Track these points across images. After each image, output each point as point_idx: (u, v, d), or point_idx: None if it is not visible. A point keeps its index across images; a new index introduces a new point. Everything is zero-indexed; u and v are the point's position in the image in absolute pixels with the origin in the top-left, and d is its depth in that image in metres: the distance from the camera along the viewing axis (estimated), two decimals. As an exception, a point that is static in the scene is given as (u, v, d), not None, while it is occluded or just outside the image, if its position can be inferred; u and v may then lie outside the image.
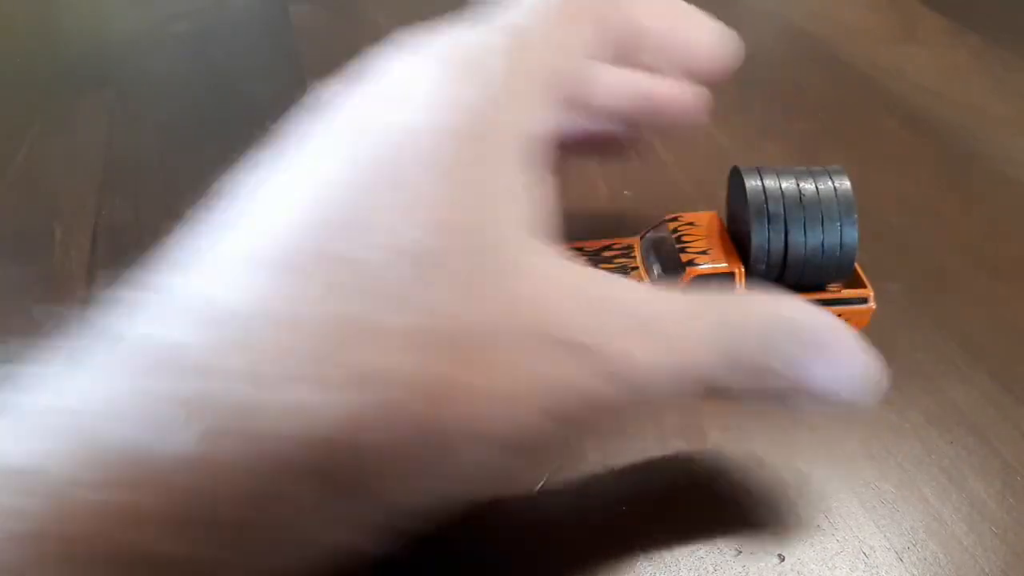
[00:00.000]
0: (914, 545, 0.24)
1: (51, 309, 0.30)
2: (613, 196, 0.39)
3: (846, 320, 0.28)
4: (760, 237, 0.27)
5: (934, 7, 0.55)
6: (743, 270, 0.28)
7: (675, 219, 0.30)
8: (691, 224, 0.30)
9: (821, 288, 0.28)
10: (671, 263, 0.29)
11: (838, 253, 0.27)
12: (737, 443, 0.27)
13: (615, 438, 0.27)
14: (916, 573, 0.23)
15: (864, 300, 0.28)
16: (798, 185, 0.28)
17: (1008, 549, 0.24)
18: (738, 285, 0.28)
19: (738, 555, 0.24)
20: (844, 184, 0.28)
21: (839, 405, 0.21)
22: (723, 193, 0.36)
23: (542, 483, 0.26)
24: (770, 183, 0.28)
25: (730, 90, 0.48)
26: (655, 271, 0.29)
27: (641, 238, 0.31)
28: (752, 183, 0.28)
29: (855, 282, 0.29)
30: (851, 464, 0.26)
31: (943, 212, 0.37)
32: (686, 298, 0.21)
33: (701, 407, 0.28)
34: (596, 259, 0.30)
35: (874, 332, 0.31)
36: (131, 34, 0.57)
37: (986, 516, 0.25)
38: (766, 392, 0.21)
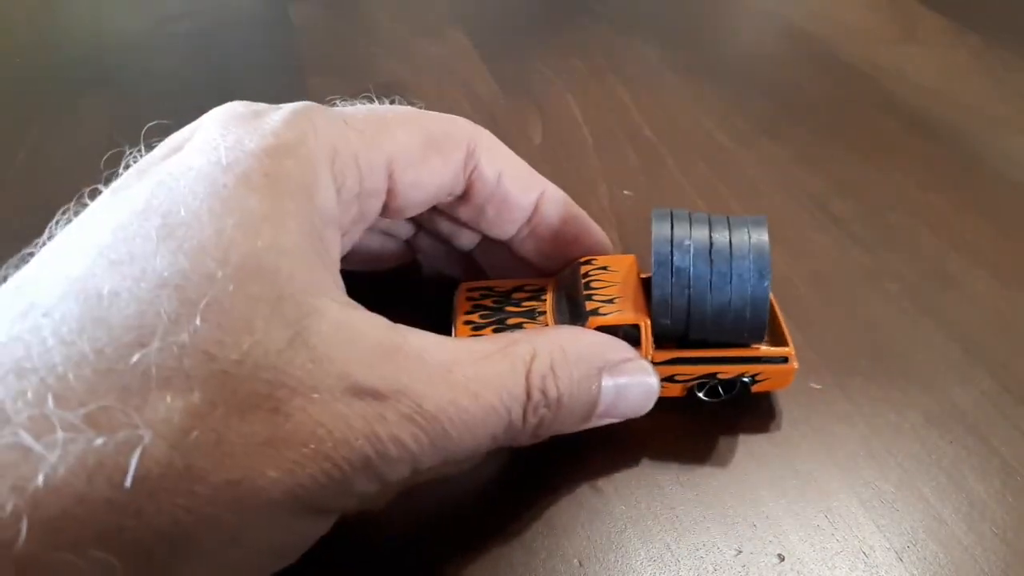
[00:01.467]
0: (914, 545, 0.24)
1: None
2: (613, 196, 0.39)
3: (767, 379, 0.28)
4: (662, 291, 0.25)
5: (934, 7, 0.55)
6: (648, 323, 0.26)
7: (589, 262, 0.29)
8: (604, 268, 0.28)
9: (738, 345, 0.27)
10: (577, 309, 0.27)
11: (747, 312, 0.25)
12: (737, 443, 0.27)
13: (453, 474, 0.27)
14: (916, 573, 0.23)
15: (784, 359, 0.27)
16: (710, 236, 0.26)
17: (1008, 549, 0.24)
18: (644, 339, 0.26)
19: (738, 555, 0.24)
20: (761, 238, 0.25)
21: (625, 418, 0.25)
22: (723, 193, 0.36)
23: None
24: (680, 232, 0.26)
25: (730, 90, 0.48)
26: (560, 317, 0.28)
27: (557, 280, 0.29)
28: (660, 231, 0.26)
29: (778, 339, 0.27)
30: (851, 464, 0.26)
31: (943, 212, 0.37)
32: (479, 342, 0.22)
33: (701, 407, 0.28)
34: (504, 301, 0.29)
35: (875, 332, 0.31)
36: (131, 34, 0.57)
37: (986, 516, 0.25)
38: (561, 422, 0.23)
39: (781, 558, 0.24)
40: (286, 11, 0.59)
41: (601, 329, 0.26)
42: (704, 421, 0.28)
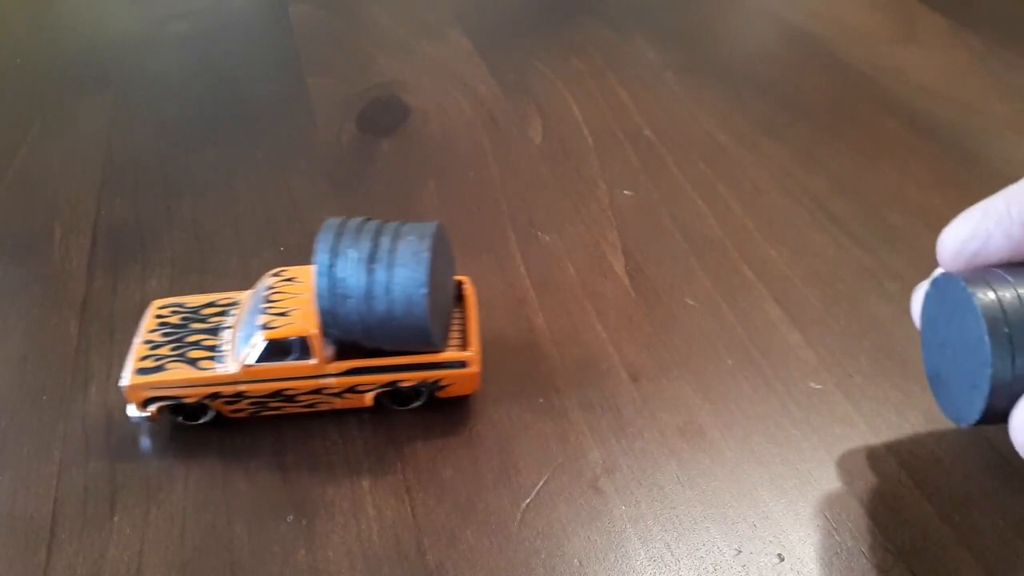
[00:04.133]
0: (914, 545, 0.24)
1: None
2: (613, 196, 0.39)
3: (451, 384, 0.28)
4: (324, 302, 0.26)
5: (934, 7, 0.55)
6: (316, 332, 0.26)
7: (277, 274, 0.29)
8: (290, 280, 0.28)
9: (415, 352, 0.27)
10: (253, 324, 0.27)
11: (408, 320, 0.25)
12: (737, 443, 0.27)
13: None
14: (916, 572, 0.23)
15: (463, 364, 0.27)
16: (374, 246, 0.26)
17: (1008, 549, 0.24)
18: (314, 350, 0.26)
19: (738, 555, 0.24)
20: (423, 246, 0.26)
21: None
22: (723, 193, 0.36)
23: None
24: (344, 242, 0.26)
25: (730, 90, 0.48)
26: (242, 331, 0.27)
27: (249, 294, 0.29)
28: (323, 242, 0.26)
29: (466, 343, 0.28)
30: (851, 464, 0.26)
31: (943, 212, 0.37)
32: None
33: (701, 407, 0.28)
34: (192, 318, 0.29)
35: (875, 332, 0.31)
36: (131, 34, 0.57)
37: (986, 516, 0.25)
38: None
39: (781, 558, 0.24)
40: (286, 11, 0.59)
41: (271, 342, 0.26)
42: (703, 419, 0.28)
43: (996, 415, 0.20)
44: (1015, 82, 0.47)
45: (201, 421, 0.28)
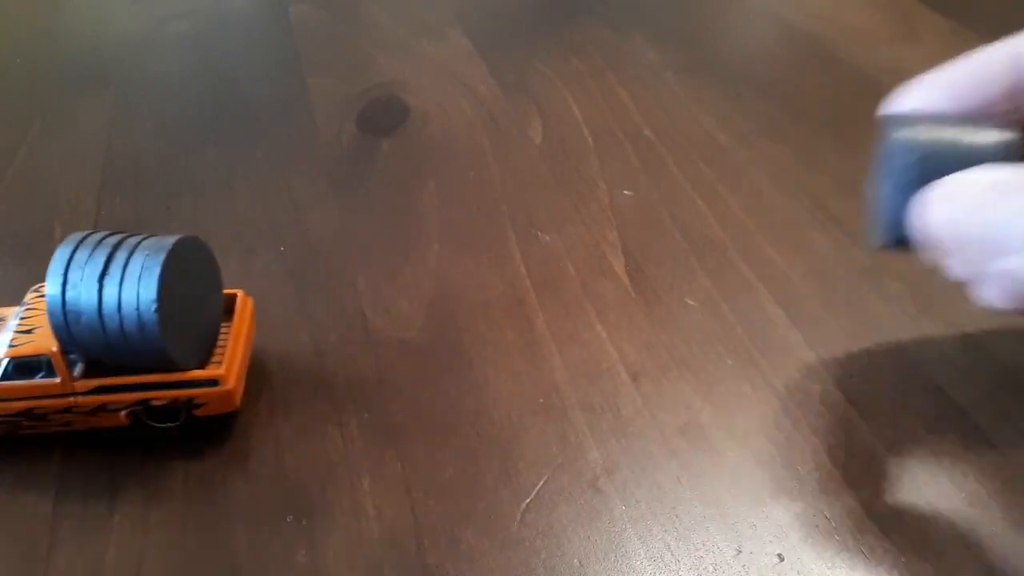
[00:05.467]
0: (914, 545, 0.24)
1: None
2: (613, 196, 0.39)
3: (207, 402, 0.27)
4: (55, 320, 0.25)
5: (934, 7, 0.55)
6: (56, 350, 0.26)
7: (36, 290, 0.28)
8: (44, 296, 0.27)
9: (163, 370, 0.26)
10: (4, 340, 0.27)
11: (141, 337, 0.25)
12: (737, 443, 0.27)
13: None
14: (916, 572, 0.23)
15: (215, 382, 0.27)
16: (107, 262, 0.25)
17: (1008, 549, 0.24)
18: (58, 368, 0.26)
19: (738, 555, 0.24)
20: (155, 260, 0.25)
21: None
22: (723, 193, 0.36)
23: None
24: (78, 257, 0.25)
25: (730, 90, 0.48)
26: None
27: (15, 310, 0.29)
28: (57, 259, 0.25)
29: (225, 360, 0.27)
30: (851, 464, 0.26)
31: (943, 212, 0.37)
32: None
33: (701, 407, 0.28)
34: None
35: (875, 331, 0.31)
36: (131, 34, 0.57)
37: (986, 516, 0.25)
38: None
39: (781, 558, 0.24)
40: (286, 11, 0.59)
41: (15, 360, 0.26)
42: (702, 419, 0.28)
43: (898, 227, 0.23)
44: (1015, 82, 0.47)
45: None
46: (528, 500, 0.26)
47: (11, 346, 0.27)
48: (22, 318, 0.28)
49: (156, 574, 0.25)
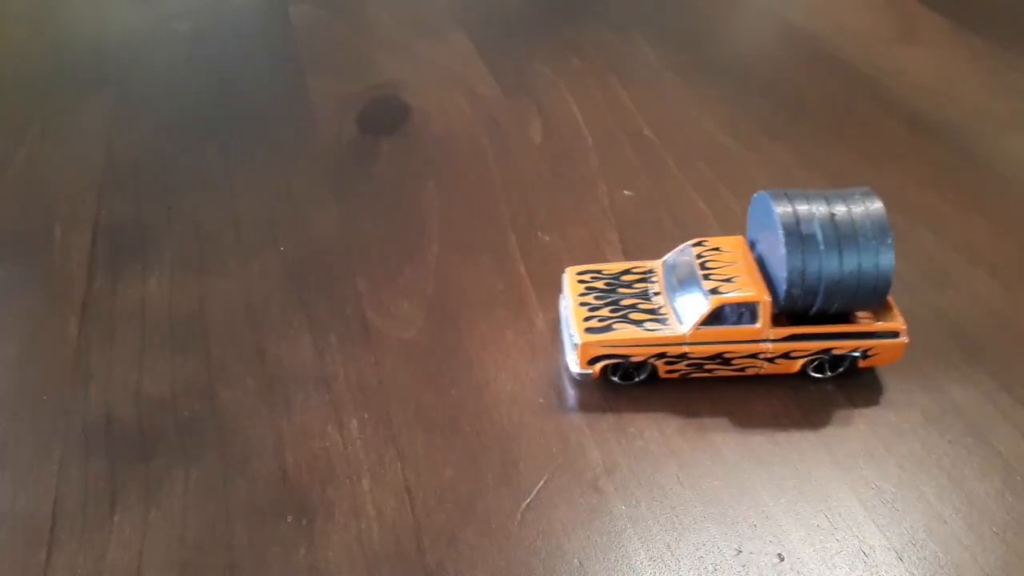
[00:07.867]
0: (914, 544, 0.24)
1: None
2: (613, 196, 0.39)
3: (877, 354, 0.29)
4: (794, 260, 0.27)
5: (934, 7, 0.55)
6: (768, 299, 0.27)
7: (700, 243, 0.30)
8: (716, 249, 0.29)
9: (850, 319, 0.28)
10: (695, 289, 0.28)
11: (874, 278, 0.27)
12: (737, 443, 0.27)
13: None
14: (916, 572, 0.23)
15: (895, 334, 0.28)
16: (829, 208, 0.27)
17: (1008, 548, 0.24)
18: (762, 316, 0.27)
19: (738, 555, 0.24)
20: (876, 206, 0.27)
21: None
22: (723, 193, 0.36)
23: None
24: (801, 207, 0.27)
25: (730, 90, 0.48)
26: (676, 297, 0.29)
27: (664, 262, 0.31)
28: (782, 208, 0.27)
29: (886, 314, 0.28)
30: (851, 464, 0.26)
31: (943, 212, 0.37)
32: None
33: (701, 407, 0.28)
34: (615, 283, 0.30)
35: (874, 332, 0.31)
36: (131, 34, 0.57)
37: (986, 516, 0.25)
38: None
39: (781, 558, 0.24)
40: (286, 11, 0.59)
41: (719, 307, 0.27)
42: (702, 419, 0.28)
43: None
44: (1015, 82, 0.47)
45: (635, 380, 0.29)
46: (528, 500, 0.26)
47: (717, 293, 0.28)
48: (707, 268, 0.29)
49: (156, 574, 0.25)
